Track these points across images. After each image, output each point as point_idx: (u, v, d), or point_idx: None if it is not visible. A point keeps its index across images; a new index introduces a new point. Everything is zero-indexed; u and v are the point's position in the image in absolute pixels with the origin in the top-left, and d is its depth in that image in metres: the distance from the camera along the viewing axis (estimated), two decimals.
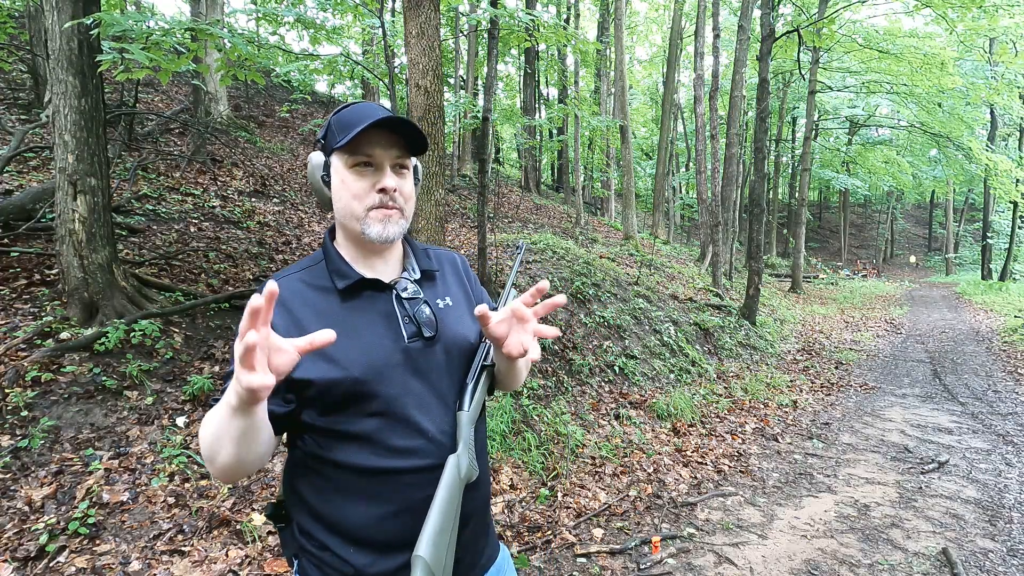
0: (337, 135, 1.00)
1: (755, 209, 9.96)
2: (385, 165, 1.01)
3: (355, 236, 1.04)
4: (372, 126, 0.96)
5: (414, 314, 1.04)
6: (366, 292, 1.04)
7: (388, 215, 1.02)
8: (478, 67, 15.81)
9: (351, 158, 1.00)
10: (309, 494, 1.01)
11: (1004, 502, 3.82)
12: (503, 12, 6.77)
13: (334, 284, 1.02)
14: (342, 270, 1.03)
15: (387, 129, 1.00)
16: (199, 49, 4.16)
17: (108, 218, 3.91)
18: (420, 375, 1.02)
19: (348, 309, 1.01)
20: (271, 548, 2.72)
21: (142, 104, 8.91)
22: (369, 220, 1.01)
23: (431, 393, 1.03)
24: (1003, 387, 7.09)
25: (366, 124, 0.95)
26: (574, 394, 5.07)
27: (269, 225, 6.94)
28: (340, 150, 1.00)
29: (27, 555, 2.39)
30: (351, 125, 0.98)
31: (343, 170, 1.01)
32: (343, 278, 1.02)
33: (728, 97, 14.27)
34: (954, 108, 17.08)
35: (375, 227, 1.01)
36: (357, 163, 1.00)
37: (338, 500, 0.98)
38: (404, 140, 1.02)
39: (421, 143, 1.03)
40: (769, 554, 3.16)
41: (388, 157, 1.01)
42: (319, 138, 1.08)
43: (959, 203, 32.81)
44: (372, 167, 1.01)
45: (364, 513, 0.97)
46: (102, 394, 3.29)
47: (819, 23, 11.60)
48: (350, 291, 1.02)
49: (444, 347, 1.06)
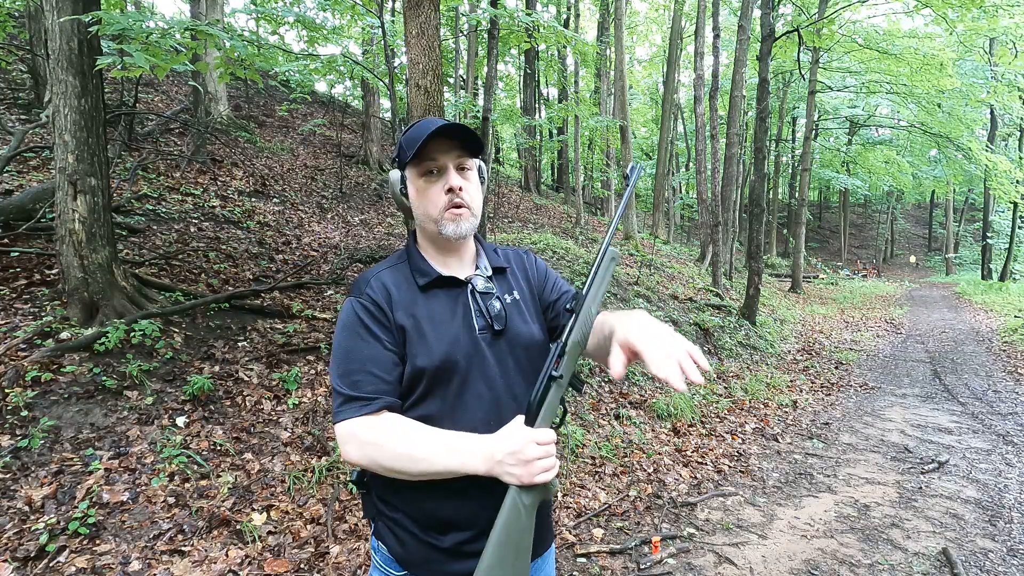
0: (407, 151, 1.14)
1: (755, 209, 9.95)
2: (449, 167, 1.15)
3: (433, 237, 1.19)
4: (430, 136, 1.10)
5: (486, 308, 1.18)
6: (444, 288, 1.18)
7: (459, 214, 1.16)
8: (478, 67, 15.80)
9: (420, 167, 1.16)
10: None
11: (1004, 502, 3.82)
12: (503, 12, 6.77)
13: (416, 281, 1.17)
14: (423, 269, 1.19)
15: (445, 136, 1.13)
16: (198, 48, 4.16)
17: (108, 218, 3.90)
18: (489, 365, 1.14)
19: (428, 303, 1.15)
20: (271, 548, 2.72)
21: (142, 104, 8.91)
22: (444, 220, 1.15)
23: (499, 382, 1.14)
24: (1003, 387, 7.09)
25: (425, 136, 1.10)
26: (574, 394, 5.07)
27: (269, 225, 6.94)
28: (411, 163, 1.16)
29: (27, 555, 2.39)
30: (416, 140, 1.12)
31: (416, 180, 1.17)
32: (423, 275, 1.17)
33: (728, 97, 14.26)
34: (954, 108, 17.08)
35: (450, 226, 1.15)
36: (426, 171, 1.15)
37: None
38: (462, 143, 1.15)
39: (476, 143, 1.17)
40: (769, 554, 3.16)
41: (450, 159, 1.15)
42: (393, 158, 1.25)
43: (959, 203, 32.81)
44: (438, 173, 1.15)
45: (426, 489, 1.09)
46: (102, 394, 3.28)
47: (819, 23, 11.60)
48: (430, 287, 1.17)
49: (508, 341, 1.18)
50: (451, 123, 1.11)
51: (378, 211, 9.47)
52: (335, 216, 8.51)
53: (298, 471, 3.23)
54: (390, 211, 9.52)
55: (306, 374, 4.06)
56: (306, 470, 3.26)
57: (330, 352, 1.36)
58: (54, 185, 3.88)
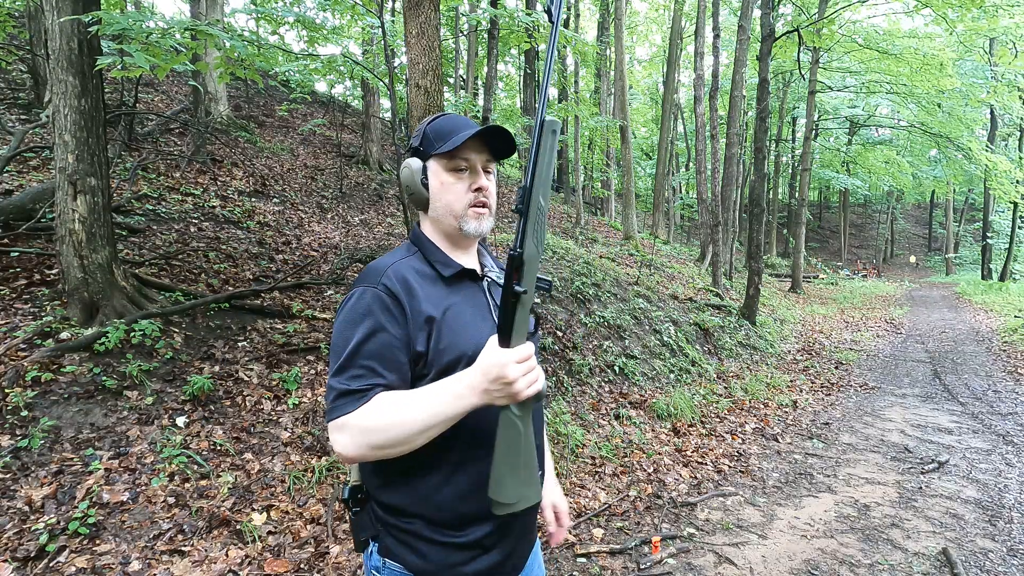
0: (435, 143, 1.13)
1: (755, 209, 9.95)
2: (479, 168, 1.15)
3: (449, 231, 1.17)
4: (473, 137, 1.10)
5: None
6: (465, 280, 1.17)
7: (482, 213, 1.16)
8: (478, 67, 15.81)
9: (450, 162, 1.14)
10: (396, 471, 1.11)
11: (1004, 502, 3.82)
12: (503, 12, 6.78)
13: (437, 272, 1.14)
14: (444, 260, 1.16)
15: (485, 139, 1.13)
16: (198, 48, 4.16)
17: (108, 218, 3.90)
18: None
19: (453, 294, 1.14)
20: (271, 548, 2.72)
21: (142, 104, 8.91)
22: (467, 217, 1.15)
23: None
24: (1003, 387, 7.09)
25: (470, 134, 1.09)
26: (574, 394, 5.07)
27: (269, 225, 6.94)
28: (439, 155, 1.14)
29: (27, 555, 2.39)
30: (450, 133, 1.12)
31: (442, 173, 1.15)
32: (447, 267, 1.15)
33: (728, 97, 14.27)
34: (954, 108, 17.09)
35: (472, 223, 1.15)
36: (456, 167, 1.14)
37: (423, 474, 1.09)
38: (492, 146, 1.16)
39: (508, 150, 1.16)
40: (769, 554, 3.16)
41: (480, 161, 1.15)
42: (415, 145, 1.19)
43: (959, 203, 32.82)
44: (468, 171, 1.15)
45: (443, 484, 1.09)
46: (102, 394, 3.28)
47: (819, 23, 11.60)
48: (454, 278, 1.15)
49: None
50: (494, 127, 1.12)
51: (378, 211, 9.46)
52: (335, 216, 8.51)
53: (298, 471, 3.23)
54: (390, 211, 9.52)
55: (306, 374, 4.06)
56: (306, 470, 3.26)
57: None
58: (54, 185, 3.89)
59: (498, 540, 1.13)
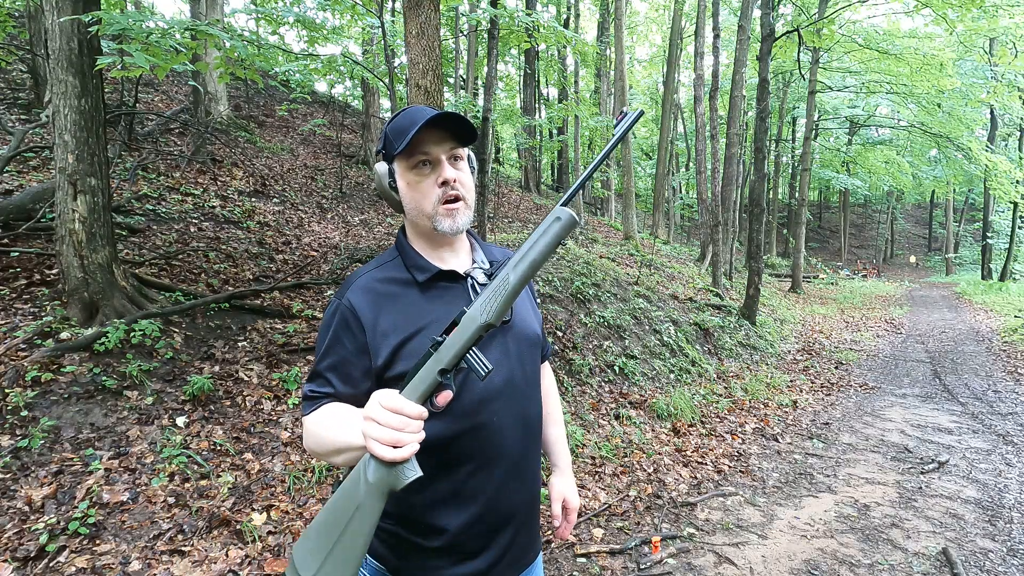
0: (395, 142, 1.08)
1: (755, 209, 9.95)
2: (441, 159, 1.09)
3: (426, 232, 1.14)
4: (423, 127, 1.04)
5: None
6: (443, 283, 1.13)
7: (455, 209, 1.10)
8: (478, 67, 15.79)
9: (410, 160, 1.09)
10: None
11: (1004, 502, 3.82)
12: (503, 12, 6.78)
13: (413, 277, 1.12)
14: (420, 264, 1.13)
15: (437, 126, 1.06)
16: (198, 48, 4.16)
17: (108, 218, 3.90)
18: (494, 359, 1.10)
19: (428, 299, 1.11)
20: (271, 548, 2.72)
21: (142, 104, 8.91)
22: (439, 216, 1.10)
23: (503, 375, 1.12)
24: (1003, 387, 7.09)
25: (417, 127, 1.03)
26: (574, 394, 5.07)
27: (269, 225, 6.94)
28: (400, 155, 1.09)
29: (27, 555, 2.39)
30: (405, 130, 1.06)
31: (406, 173, 1.10)
32: (422, 271, 1.12)
33: (728, 97, 14.27)
34: (954, 108, 17.07)
35: (445, 221, 1.10)
36: (416, 163, 1.09)
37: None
38: (453, 133, 1.09)
39: (470, 133, 1.10)
40: (769, 554, 3.16)
41: (442, 151, 1.09)
42: (379, 149, 1.16)
43: (959, 203, 32.82)
44: (430, 164, 1.09)
45: (416, 492, 1.05)
46: (102, 394, 3.28)
47: (819, 23, 11.60)
48: (429, 283, 1.12)
49: (514, 335, 1.16)
50: (442, 112, 1.05)
51: (378, 211, 9.47)
52: (335, 216, 8.51)
53: (298, 471, 3.23)
54: (390, 211, 9.52)
55: (306, 374, 4.06)
56: (306, 470, 3.26)
57: None
58: (54, 185, 3.89)
59: (482, 547, 1.12)
